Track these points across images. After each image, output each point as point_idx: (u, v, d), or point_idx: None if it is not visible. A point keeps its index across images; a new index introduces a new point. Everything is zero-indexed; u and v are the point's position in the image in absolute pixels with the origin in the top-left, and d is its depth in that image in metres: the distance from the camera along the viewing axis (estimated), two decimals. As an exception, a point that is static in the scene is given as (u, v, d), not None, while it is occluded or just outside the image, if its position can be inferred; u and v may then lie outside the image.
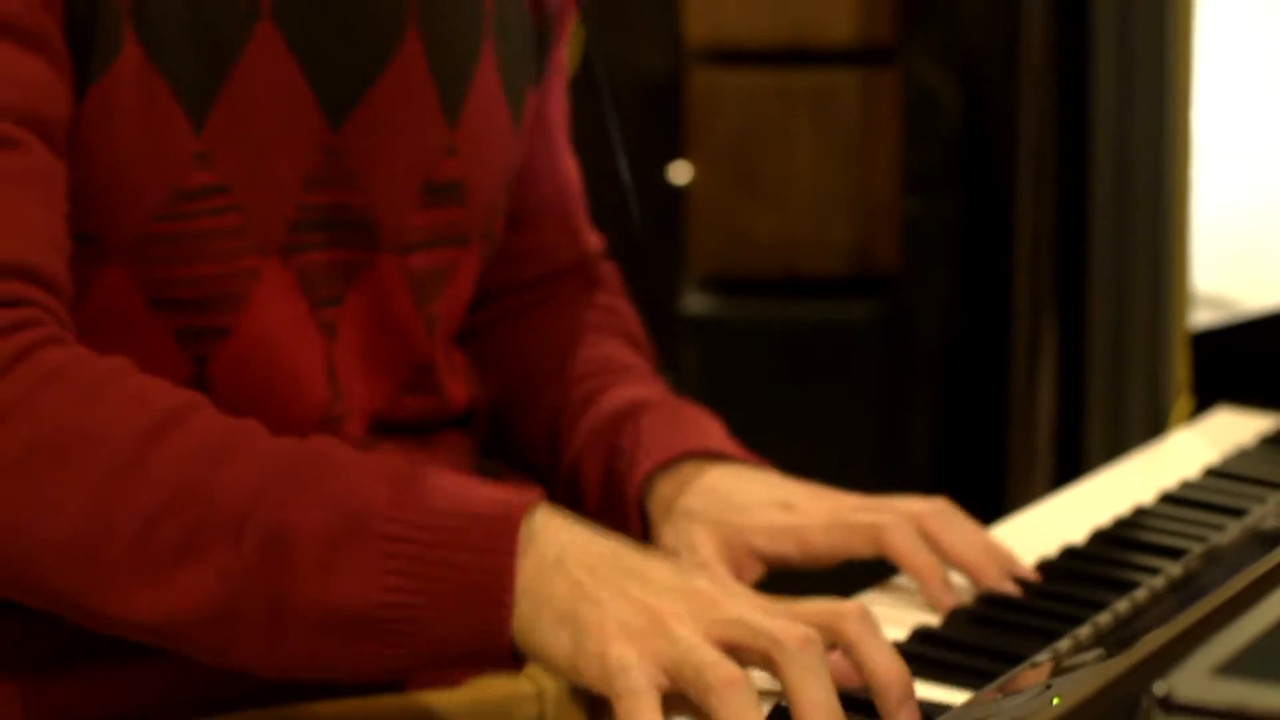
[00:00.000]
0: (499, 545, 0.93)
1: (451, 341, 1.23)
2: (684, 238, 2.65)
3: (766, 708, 0.91)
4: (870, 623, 0.94)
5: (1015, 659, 1.01)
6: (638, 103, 2.58)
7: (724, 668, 0.88)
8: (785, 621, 0.91)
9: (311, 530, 0.93)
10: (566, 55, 1.31)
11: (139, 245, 1.05)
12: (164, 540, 0.93)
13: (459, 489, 0.96)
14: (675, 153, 2.63)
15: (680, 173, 2.64)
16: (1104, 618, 1.08)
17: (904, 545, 1.12)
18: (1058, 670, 0.96)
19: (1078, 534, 1.24)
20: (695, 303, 2.65)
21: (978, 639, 1.06)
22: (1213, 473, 1.40)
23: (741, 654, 0.90)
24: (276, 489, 0.95)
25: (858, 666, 0.93)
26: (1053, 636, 1.05)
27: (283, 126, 1.08)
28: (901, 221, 2.64)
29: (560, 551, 0.94)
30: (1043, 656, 1.02)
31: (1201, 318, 2.09)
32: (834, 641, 0.93)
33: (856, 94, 2.63)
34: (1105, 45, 2.40)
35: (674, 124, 2.63)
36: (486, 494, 0.96)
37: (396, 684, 1.14)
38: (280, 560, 0.93)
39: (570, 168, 1.35)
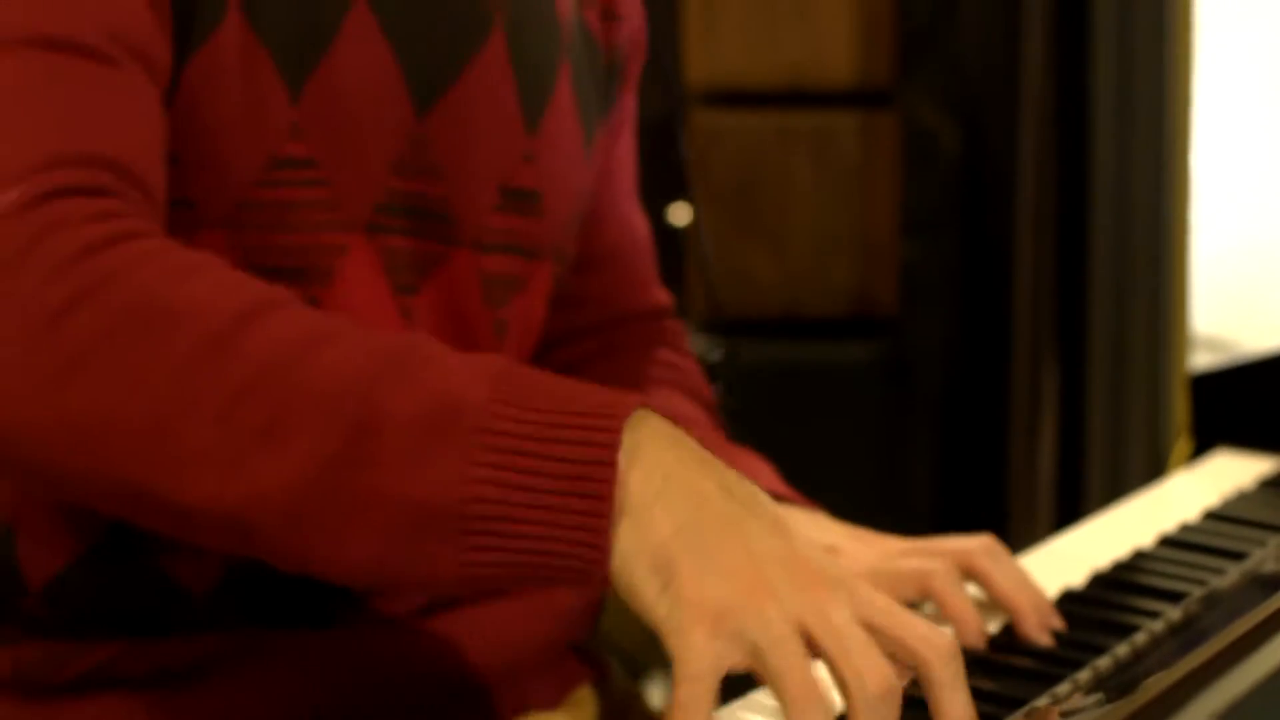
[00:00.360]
0: (601, 444, 0.90)
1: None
2: (684, 279, 2.65)
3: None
4: (958, 667, 0.90)
5: (1015, 703, 1.01)
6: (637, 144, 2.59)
7: (805, 677, 0.86)
8: (876, 659, 0.88)
9: (403, 417, 0.90)
10: (635, 103, 1.32)
11: (236, 211, 1.05)
12: (248, 419, 0.90)
13: (562, 387, 0.93)
14: (675, 194, 2.63)
15: (680, 214, 2.64)
16: (1103, 662, 1.08)
17: (950, 594, 1.12)
18: (1058, 715, 0.96)
19: (1077, 577, 1.24)
20: (695, 344, 2.65)
21: (977, 683, 1.06)
22: (1212, 515, 1.40)
23: (821, 656, 0.88)
24: (370, 375, 0.91)
25: (931, 705, 0.90)
26: (1052, 681, 1.05)
27: (372, 108, 1.09)
28: (901, 263, 2.64)
29: (667, 475, 0.90)
30: (1042, 701, 1.02)
31: (1201, 360, 2.09)
32: (917, 671, 0.90)
33: (855, 136, 2.64)
34: (1105, 87, 2.41)
35: (674, 166, 2.63)
36: (590, 393, 0.92)
37: None
38: (367, 446, 0.90)
39: (639, 221, 1.36)
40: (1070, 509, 2.39)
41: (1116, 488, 2.24)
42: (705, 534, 0.89)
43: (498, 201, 1.15)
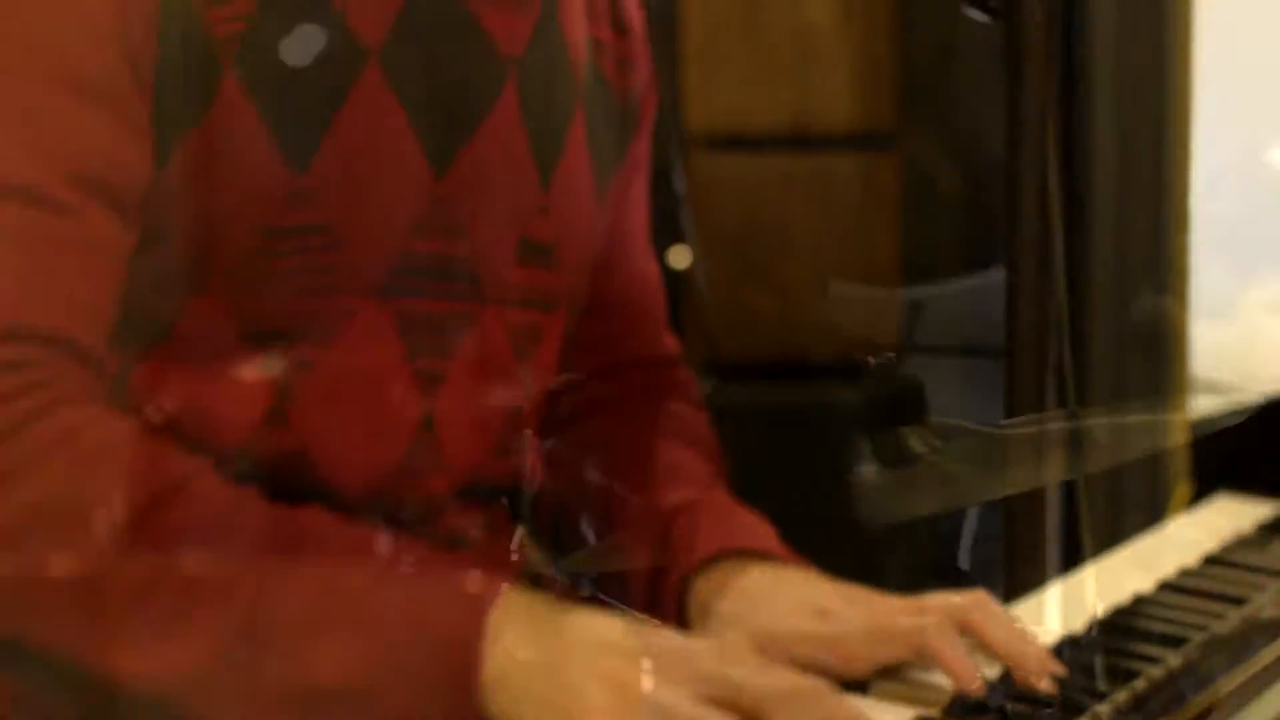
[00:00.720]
0: (466, 638, 0.97)
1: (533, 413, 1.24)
2: (684, 322, 2.65)
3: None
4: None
5: (1014, 750, 1.01)
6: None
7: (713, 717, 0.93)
8: (769, 671, 0.96)
9: (287, 608, 0.98)
10: (649, 150, 1.32)
11: (232, 279, 1.06)
12: (158, 605, 0.97)
13: (428, 583, 1.00)
14: (675, 238, 2.63)
15: (680, 257, 2.64)
16: (1103, 708, 1.07)
17: (948, 651, 1.12)
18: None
19: (1077, 622, 1.23)
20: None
21: (977, 729, 1.06)
22: (1212, 560, 1.39)
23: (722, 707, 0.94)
24: (263, 564, 0.99)
25: None
26: (1052, 727, 1.05)
27: (389, 171, 1.09)
28: (901, 306, 2.64)
29: (531, 641, 0.97)
30: (1042, 747, 1.01)
31: (1201, 404, 2.09)
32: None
33: (856, 179, 2.64)
34: (1104, 130, 2.41)
35: (673, 209, 2.63)
36: (454, 587, 1.00)
37: None
38: (261, 633, 0.97)
39: (650, 268, 1.36)
40: (1070, 554, 2.38)
41: (1116, 532, 2.24)
42: (575, 669, 0.96)
43: (517, 256, 1.16)
